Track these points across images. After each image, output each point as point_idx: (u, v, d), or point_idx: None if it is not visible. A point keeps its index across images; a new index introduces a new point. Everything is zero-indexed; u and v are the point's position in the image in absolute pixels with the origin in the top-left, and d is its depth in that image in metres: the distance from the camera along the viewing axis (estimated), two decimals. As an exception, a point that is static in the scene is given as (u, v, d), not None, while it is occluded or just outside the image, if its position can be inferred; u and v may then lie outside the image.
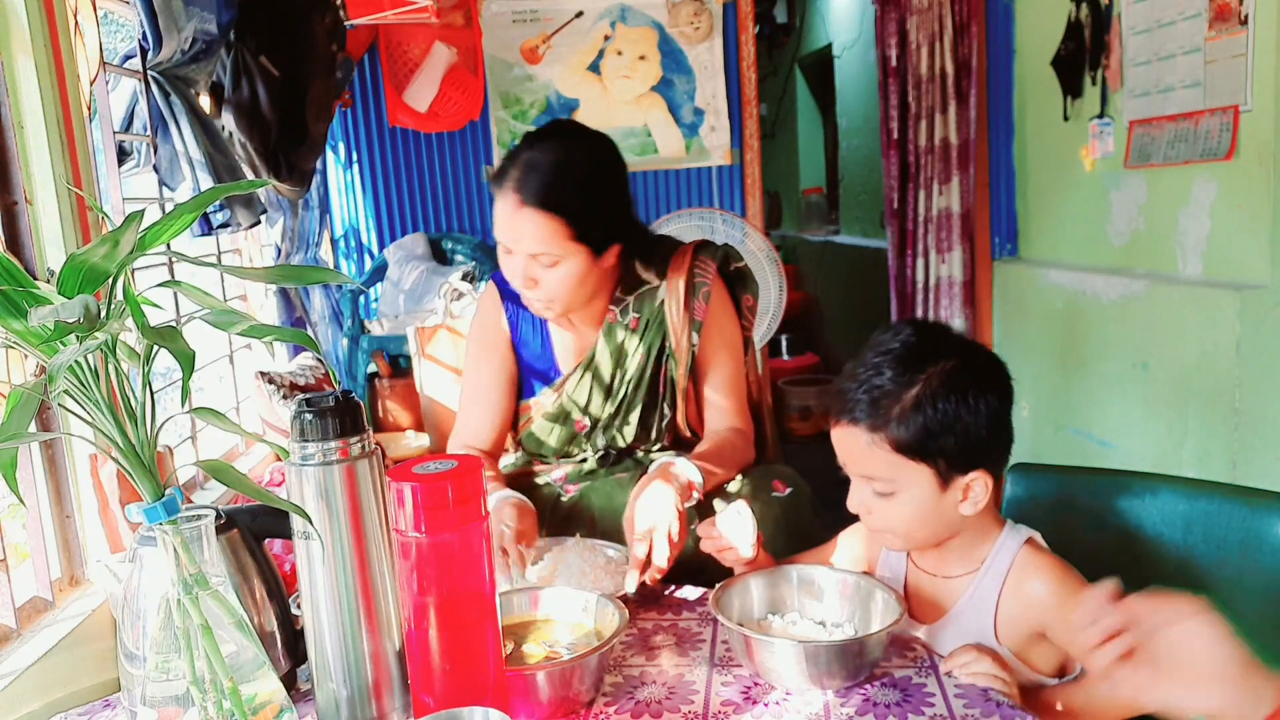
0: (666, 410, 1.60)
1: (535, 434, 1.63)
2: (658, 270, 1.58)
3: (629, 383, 1.57)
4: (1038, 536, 1.15)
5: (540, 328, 1.62)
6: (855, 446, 1.10)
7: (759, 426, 1.68)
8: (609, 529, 1.46)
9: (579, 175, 1.45)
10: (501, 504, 1.38)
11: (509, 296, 1.62)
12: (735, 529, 1.21)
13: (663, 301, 1.56)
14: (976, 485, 1.09)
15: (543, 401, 1.61)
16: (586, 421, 1.59)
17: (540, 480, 1.61)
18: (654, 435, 1.62)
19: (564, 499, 1.56)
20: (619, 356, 1.56)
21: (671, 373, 1.58)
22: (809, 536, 1.44)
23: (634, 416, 1.58)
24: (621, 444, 1.61)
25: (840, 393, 1.12)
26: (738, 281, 1.65)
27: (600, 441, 1.61)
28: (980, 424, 1.07)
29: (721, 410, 1.58)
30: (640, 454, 1.63)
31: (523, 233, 1.43)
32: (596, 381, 1.57)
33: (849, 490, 1.15)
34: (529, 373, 1.64)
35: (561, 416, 1.60)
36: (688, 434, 1.64)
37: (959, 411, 1.06)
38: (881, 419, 1.07)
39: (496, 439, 1.61)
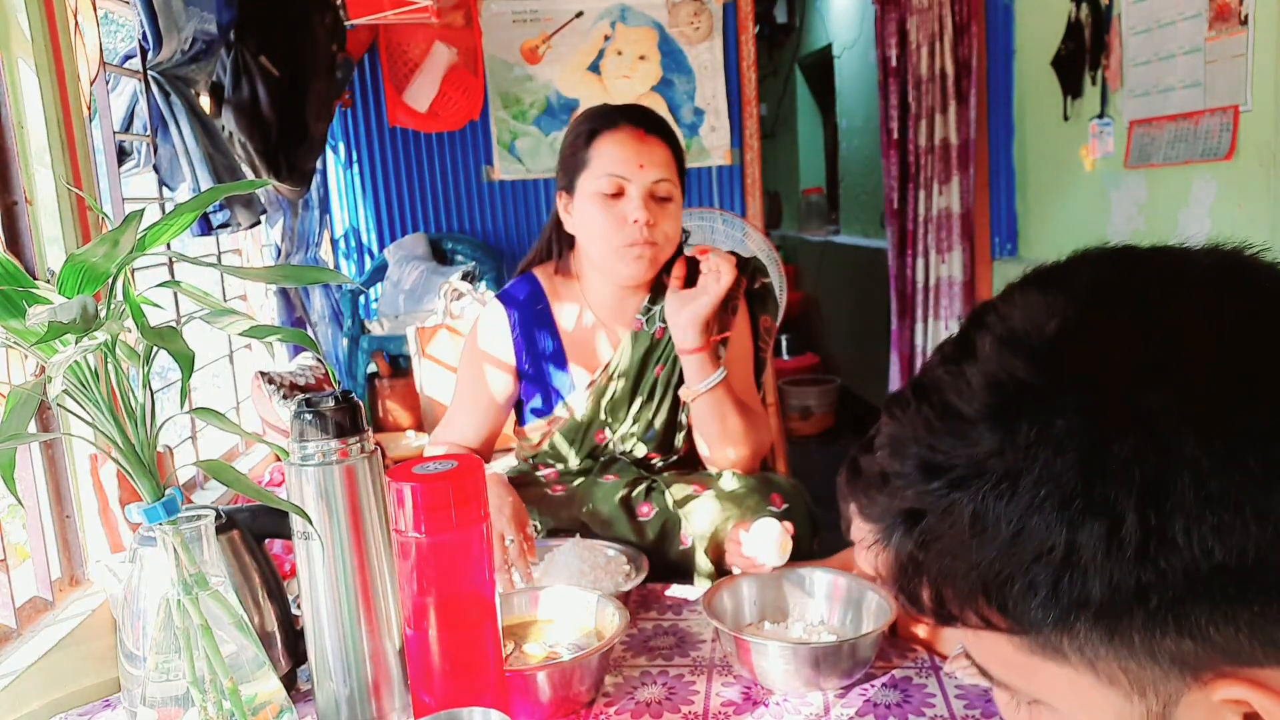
0: (683, 420, 1.58)
1: (556, 448, 1.60)
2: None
3: (654, 394, 1.56)
4: None
5: (554, 340, 1.60)
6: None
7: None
8: (593, 532, 1.44)
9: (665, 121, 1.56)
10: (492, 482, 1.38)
11: (515, 308, 1.60)
12: (759, 544, 1.20)
13: None
14: None
15: (560, 416, 1.59)
16: (608, 434, 1.58)
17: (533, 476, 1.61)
18: (672, 446, 1.60)
19: (550, 494, 1.54)
20: (642, 367, 1.56)
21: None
22: (803, 553, 1.42)
23: (656, 428, 1.56)
24: (639, 456, 1.59)
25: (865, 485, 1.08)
26: (757, 301, 1.64)
27: (618, 451, 1.59)
28: None
29: None
30: (655, 463, 1.61)
31: (654, 157, 1.48)
32: (618, 393, 1.56)
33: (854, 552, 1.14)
34: (540, 387, 1.60)
35: (581, 429, 1.58)
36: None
37: None
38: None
39: (484, 446, 1.61)
